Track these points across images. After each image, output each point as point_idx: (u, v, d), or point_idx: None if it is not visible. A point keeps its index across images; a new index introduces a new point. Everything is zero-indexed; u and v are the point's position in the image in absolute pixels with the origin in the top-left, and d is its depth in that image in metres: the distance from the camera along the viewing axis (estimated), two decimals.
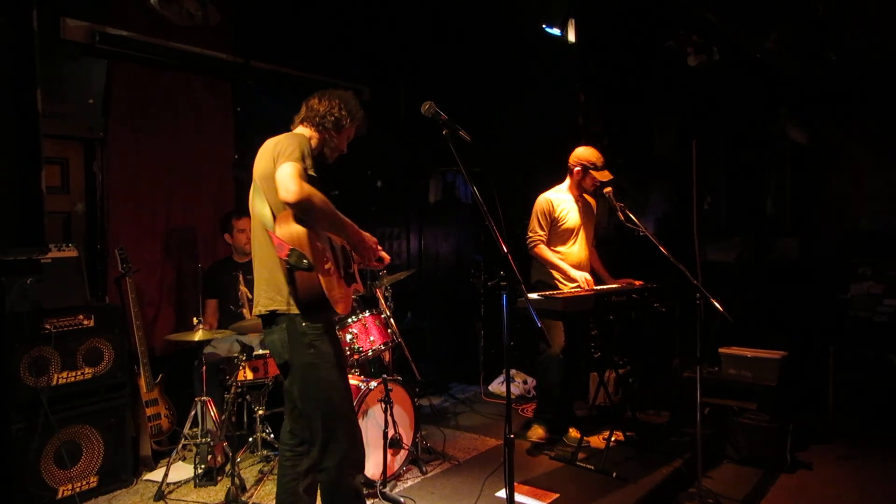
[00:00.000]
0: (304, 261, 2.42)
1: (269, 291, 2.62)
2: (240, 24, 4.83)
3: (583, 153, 4.34)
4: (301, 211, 2.46)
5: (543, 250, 4.30)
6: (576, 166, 4.33)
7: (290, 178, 2.42)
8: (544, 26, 5.89)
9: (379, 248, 2.99)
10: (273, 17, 4.99)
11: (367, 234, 2.88)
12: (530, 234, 4.34)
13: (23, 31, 1.63)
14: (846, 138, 5.62)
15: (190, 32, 4.54)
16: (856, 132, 5.57)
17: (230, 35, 4.79)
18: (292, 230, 2.47)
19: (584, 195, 4.46)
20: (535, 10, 5.72)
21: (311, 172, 2.56)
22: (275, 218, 2.58)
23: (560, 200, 4.35)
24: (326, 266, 2.56)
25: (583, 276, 4.19)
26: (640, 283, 4.33)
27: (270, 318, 2.65)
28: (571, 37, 6.02)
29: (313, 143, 2.76)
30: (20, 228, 1.64)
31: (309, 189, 2.45)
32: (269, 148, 2.61)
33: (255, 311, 2.70)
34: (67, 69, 4.06)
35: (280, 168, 2.46)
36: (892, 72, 5.14)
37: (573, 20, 5.98)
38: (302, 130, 2.81)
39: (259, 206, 2.65)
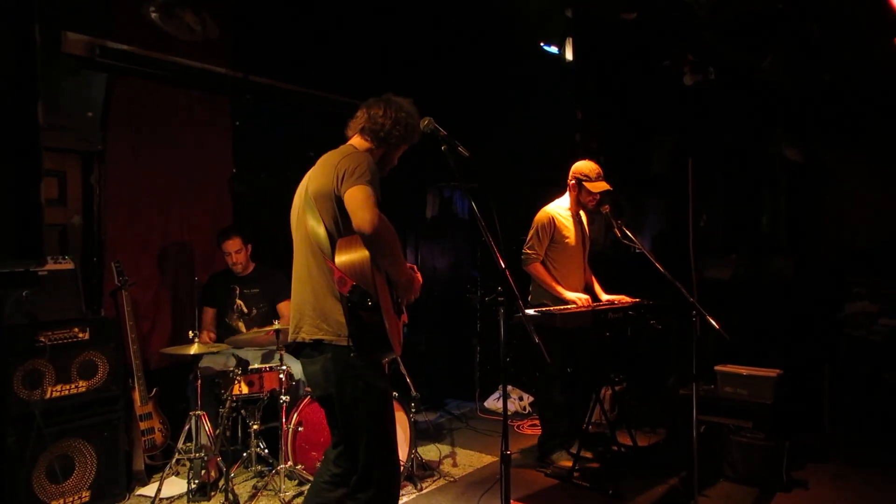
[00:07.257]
0: (368, 301, 2.23)
1: (314, 319, 2.42)
2: (239, 39, 4.87)
3: (577, 166, 4.28)
4: (374, 243, 2.25)
5: (539, 269, 4.24)
6: (570, 180, 4.30)
7: (368, 206, 2.22)
8: (542, 45, 5.96)
9: (415, 271, 2.73)
10: (272, 32, 5.02)
11: (411, 273, 2.61)
12: (527, 251, 4.28)
13: (25, 44, 1.64)
14: (841, 157, 5.65)
15: (189, 47, 4.57)
16: (851, 151, 5.60)
17: (229, 50, 4.83)
18: (355, 263, 2.27)
19: (581, 211, 4.40)
20: (533, 29, 5.79)
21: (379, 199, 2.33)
22: (332, 244, 2.36)
23: (561, 216, 4.31)
24: (384, 303, 2.35)
25: (577, 297, 4.12)
26: (619, 298, 4.30)
27: (312, 347, 2.45)
28: (569, 55, 6.08)
29: (374, 159, 2.52)
30: (19, 240, 1.64)
31: (385, 220, 2.25)
32: (332, 163, 2.39)
33: (296, 337, 2.48)
34: (67, 82, 4.08)
35: (352, 192, 2.26)
36: (885, 92, 5.19)
37: (570, 39, 6.05)
38: (360, 142, 2.59)
39: (313, 225, 2.40)
